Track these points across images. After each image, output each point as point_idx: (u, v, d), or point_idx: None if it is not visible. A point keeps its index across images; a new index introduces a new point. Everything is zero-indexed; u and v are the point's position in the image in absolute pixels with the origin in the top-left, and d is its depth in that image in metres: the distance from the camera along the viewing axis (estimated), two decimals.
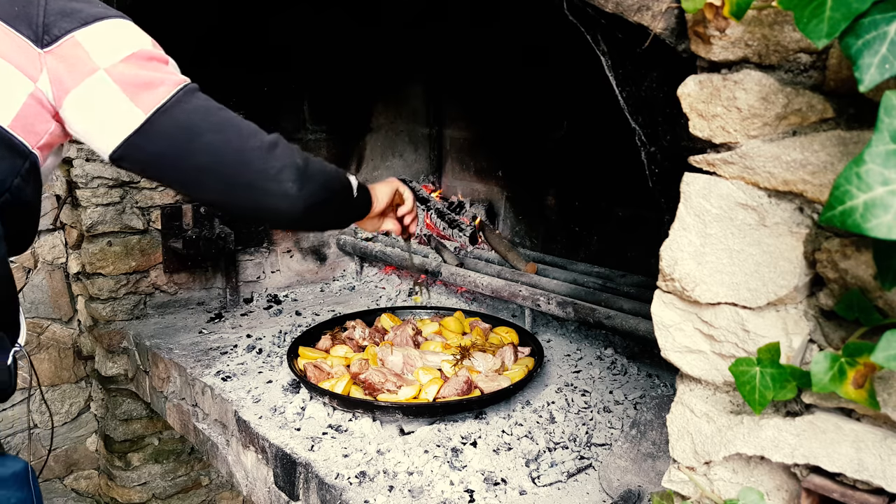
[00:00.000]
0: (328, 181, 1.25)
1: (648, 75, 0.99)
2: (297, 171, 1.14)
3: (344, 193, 1.35)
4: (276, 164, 1.13)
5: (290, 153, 1.16)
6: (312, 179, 1.17)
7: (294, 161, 1.15)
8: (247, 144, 1.12)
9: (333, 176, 1.29)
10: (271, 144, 1.14)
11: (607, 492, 1.47)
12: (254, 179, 1.12)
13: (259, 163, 1.12)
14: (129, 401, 2.72)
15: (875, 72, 0.59)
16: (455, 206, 3.06)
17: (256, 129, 1.16)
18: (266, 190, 1.13)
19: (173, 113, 1.08)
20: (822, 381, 0.71)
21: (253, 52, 2.66)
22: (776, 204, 0.79)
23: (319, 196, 1.20)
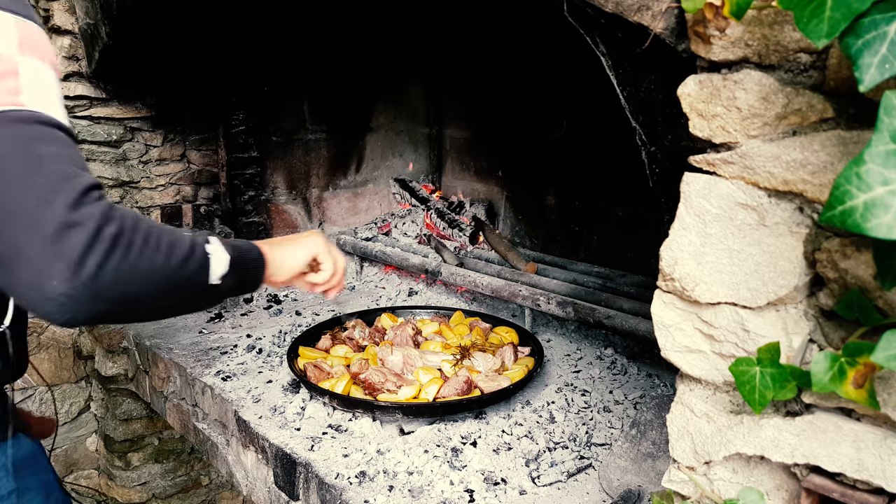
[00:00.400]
0: (141, 285, 0.90)
1: (648, 75, 0.99)
2: (73, 272, 0.82)
3: (180, 291, 1.00)
4: (47, 251, 0.81)
5: (80, 242, 0.82)
6: (102, 286, 0.85)
7: (76, 257, 0.82)
8: (24, 207, 0.82)
9: (158, 274, 0.93)
10: (64, 223, 0.82)
11: (607, 492, 1.47)
12: (11, 255, 0.82)
13: (25, 237, 0.81)
14: (129, 401, 2.72)
15: (875, 72, 0.59)
16: (455, 205, 3.06)
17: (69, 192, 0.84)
18: (23, 277, 0.82)
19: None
20: (822, 381, 0.71)
21: (253, 52, 2.67)
22: (776, 204, 0.79)
23: (107, 305, 0.87)
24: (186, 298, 1.04)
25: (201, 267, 1.02)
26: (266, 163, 2.87)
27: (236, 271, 1.10)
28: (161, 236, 0.94)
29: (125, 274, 0.87)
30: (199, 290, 1.03)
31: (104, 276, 0.84)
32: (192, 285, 1.01)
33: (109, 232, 0.85)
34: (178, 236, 0.98)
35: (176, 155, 2.67)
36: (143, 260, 0.90)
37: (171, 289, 0.96)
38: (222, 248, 1.07)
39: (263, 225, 2.89)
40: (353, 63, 2.97)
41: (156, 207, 2.65)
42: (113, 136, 2.53)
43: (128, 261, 0.88)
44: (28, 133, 0.85)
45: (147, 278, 0.91)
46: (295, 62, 2.81)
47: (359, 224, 3.18)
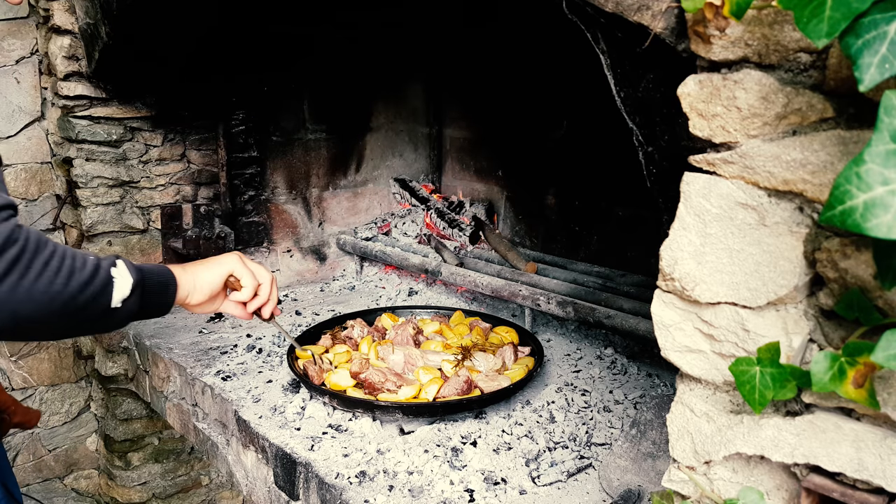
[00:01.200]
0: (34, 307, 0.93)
1: (647, 75, 0.99)
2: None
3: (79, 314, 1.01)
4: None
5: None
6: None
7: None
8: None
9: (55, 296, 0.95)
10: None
11: (607, 491, 1.47)
12: None
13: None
14: (129, 400, 2.72)
15: (875, 71, 0.59)
16: (455, 205, 3.06)
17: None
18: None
19: None
20: (822, 381, 0.71)
21: (253, 51, 2.66)
22: (776, 203, 0.79)
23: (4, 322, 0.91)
24: (85, 321, 1.04)
25: (103, 290, 1.03)
26: (266, 162, 2.87)
27: (140, 294, 1.11)
28: (63, 260, 0.96)
29: (18, 295, 0.90)
30: (98, 313, 1.04)
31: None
32: (91, 309, 1.02)
33: (9, 254, 0.88)
34: (81, 261, 1.00)
35: (176, 155, 2.67)
36: (39, 283, 0.92)
37: (68, 312, 0.98)
38: (127, 272, 1.08)
39: (263, 225, 2.89)
40: (353, 63, 2.97)
41: (156, 207, 2.65)
42: (113, 136, 2.53)
43: (23, 284, 0.90)
44: None
45: (42, 301, 0.93)
46: (295, 62, 2.81)
47: (359, 224, 3.18)
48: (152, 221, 2.65)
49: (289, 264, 2.97)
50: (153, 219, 2.65)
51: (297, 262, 3.00)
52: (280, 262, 2.95)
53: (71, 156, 2.51)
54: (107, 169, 2.54)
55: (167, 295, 1.21)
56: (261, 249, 2.89)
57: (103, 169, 2.53)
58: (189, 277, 1.26)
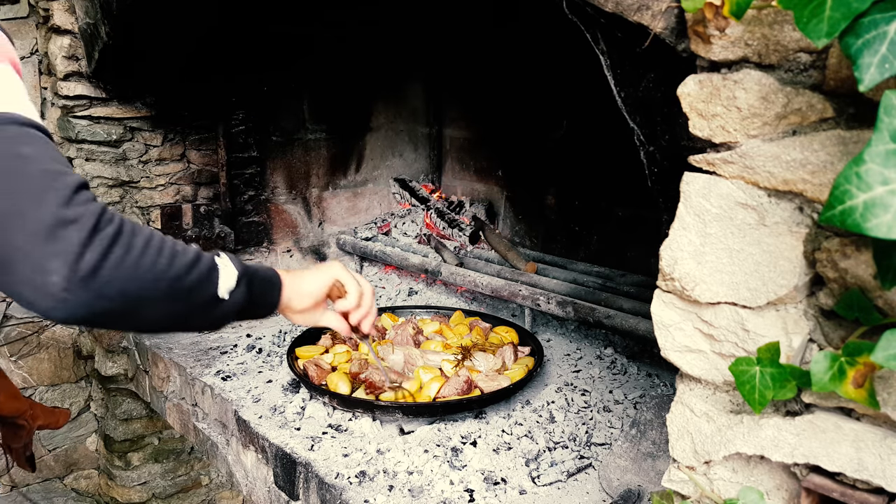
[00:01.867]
0: (143, 285, 0.89)
1: (647, 75, 0.99)
2: (72, 267, 0.81)
3: (186, 299, 0.97)
4: (44, 248, 0.80)
5: (77, 239, 0.82)
6: (102, 282, 0.83)
7: (74, 252, 0.81)
8: (15, 207, 0.81)
9: (162, 276, 0.91)
10: (59, 221, 0.81)
11: (607, 491, 1.47)
12: (8, 256, 0.81)
13: (20, 237, 0.80)
14: (129, 400, 2.72)
15: (875, 71, 0.59)
16: (455, 205, 3.06)
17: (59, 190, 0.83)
18: (20, 276, 0.81)
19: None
20: (821, 381, 0.71)
21: (253, 52, 2.66)
22: (776, 203, 0.79)
23: (110, 304, 0.86)
24: (192, 308, 0.99)
25: (208, 275, 0.99)
26: (266, 162, 2.87)
27: (247, 287, 1.06)
28: (164, 241, 0.93)
29: (125, 271, 0.86)
30: (205, 300, 1.00)
31: (103, 272, 0.83)
32: (197, 295, 0.98)
33: (108, 231, 0.85)
34: (182, 245, 0.97)
35: (176, 154, 2.67)
36: (144, 260, 0.88)
37: (174, 294, 0.94)
38: (231, 263, 1.04)
39: (263, 225, 2.89)
40: (352, 62, 2.97)
41: (155, 207, 2.64)
42: (113, 136, 2.53)
43: (129, 259, 0.86)
44: (6, 135, 0.84)
45: (149, 279, 0.89)
46: (295, 62, 2.81)
47: (358, 224, 3.18)
48: (152, 221, 2.64)
49: (289, 264, 2.97)
50: (153, 219, 2.64)
51: (297, 261, 3.00)
52: (280, 262, 2.95)
53: (71, 156, 2.51)
54: (107, 169, 2.54)
55: (273, 294, 1.18)
56: (260, 249, 2.89)
57: (103, 169, 2.53)
58: (293, 281, 1.22)
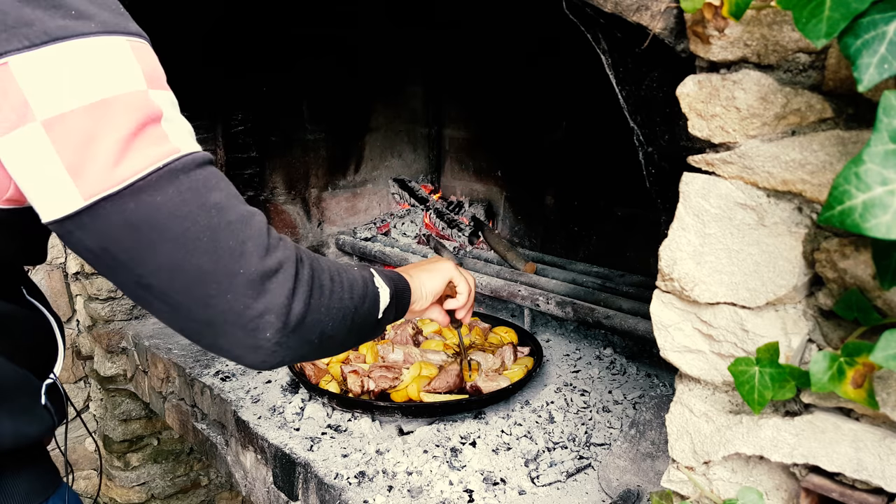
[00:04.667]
0: (334, 325, 0.89)
1: (648, 75, 0.99)
2: (284, 322, 0.80)
3: (359, 329, 0.99)
4: (255, 306, 0.77)
5: (285, 291, 0.79)
6: (306, 329, 0.83)
7: (285, 306, 0.79)
8: (221, 268, 0.76)
9: (347, 313, 0.92)
10: (265, 273, 0.78)
11: (606, 492, 1.47)
12: (216, 318, 0.77)
13: (230, 300, 0.76)
14: (128, 401, 2.72)
15: (874, 72, 0.59)
16: (454, 205, 3.06)
17: (256, 238, 0.79)
18: (230, 336, 0.79)
19: (125, 204, 0.72)
20: (821, 381, 0.71)
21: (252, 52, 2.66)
22: (775, 204, 0.79)
23: (308, 347, 0.86)
24: (363, 333, 1.02)
25: (374, 303, 1.01)
26: (265, 163, 2.87)
27: (395, 303, 1.08)
28: (341, 274, 0.93)
29: (323, 314, 0.86)
30: (371, 325, 1.03)
31: (308, 318, 0.83)
32: (368, 321, 1.01)
33: (305, 275, 0.83)
34: (350, 274, 0.96)
35: None
36: (334, 299, 0.89)
37: (354, 325, 0.95)
38: (384, 283, 1.05)
39: None
40: (352, 63, 2.97)
41: None
42: None
43: (323, 301, 0.86)
44: (195, 184, 0.76)
45: (338, 317, 0.90)
46: (294, 62, 2.81)
47: (358, 224, 3.18)
48: None
49: None
50: None
51: None
52: None
53: None
54: None
55: (407, 301, 1.19)
56: None
57: None
58: (417, 284, 1.24)
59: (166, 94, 0.78)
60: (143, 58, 0.76)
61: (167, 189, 0.73)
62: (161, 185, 0.73)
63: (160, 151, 0.73)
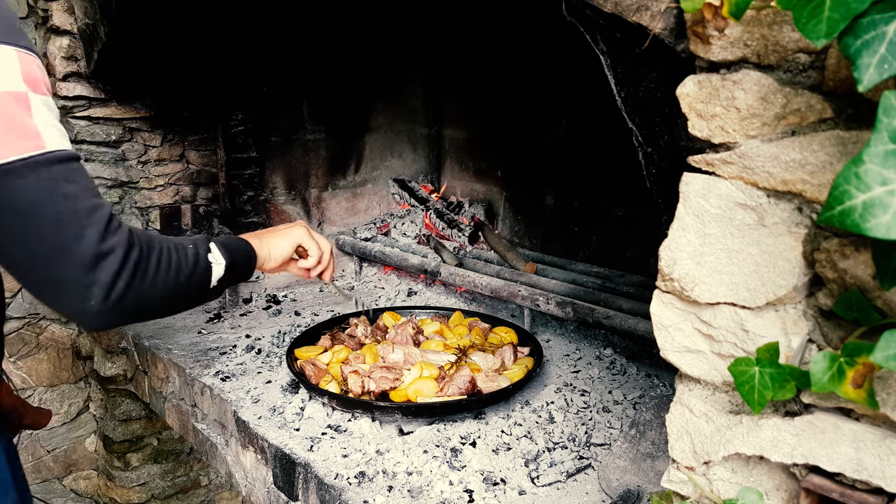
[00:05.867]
0: (156, 299, 1.07)
1: (647, 75, 0.99)
2: (106, 295, 0.97)
3: (185, 298, 1.18)
4: (84, 279, 0.96)
5: (110, 272, 0.98)
6: (127, 302, 1.01)
7: (108, 284, 0.97)
8: (61, 245, 0.95)
9: (171, 290, 1.09)
10: (97, 255, 0.96)
11: (606, 492, 1.47)
12: (54, 281, 0.97)
13: (65, 269, 0.95)
14: (128, 401, 2.72)
15: (874, 72, 0.59)
16: (454, 205, 3.06)
17: (95, 226, 0.97)
18: (63, 297, 0.98)
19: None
20: (821, 381, 0.71)
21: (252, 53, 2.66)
22: (775, 204, 0.79)
23: (130, 315, 1.04)
24: (191, 301, 1.21)
25: (205, 275, 1.18)
26: (265, 163, 2.87)
27: (231, 272, 1.25)
28: (171, 254, 1.10)
29: (143, 293, 1.03)
30: (200, 293, 1.21)
31: (128, 296, 1.01)
32: (195, 292, 1.19)
33: (132, 258, 1.01)
34: (184, 252, 1.14)
35: (175, 155, 2.67)
36: (157, 280, 1.06)
37: (178, 299, 1.14)
38: (221, 255, 1.22)
39: (262, 225, 2.89)
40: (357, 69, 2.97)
41: (155, 208, 2.64)
42: (112, 137, 2.53)
43: (146, 282, 1.04)
44: (55, 175, 0.95)
45: (161, 294, 1.07)
46: (294, 63, 2.81)
47: (358, 224, 3.18)
48: (151, 222, 2.64)
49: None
50: (152, 219, 2.64)
51: None
52: None
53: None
54: (106, 169, 2.54)
55: (250, 267, 1.38)
56: None
57: (102, 169, 2.53)
58: (265, 247, 1.44)
59: (45, 99, 0.97)
60: (27, 65, 0.95)
61: (28, 176, 0.92)
62: (23, 173, 0.92)
63: (28, 145, 0.92)
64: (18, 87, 0.94)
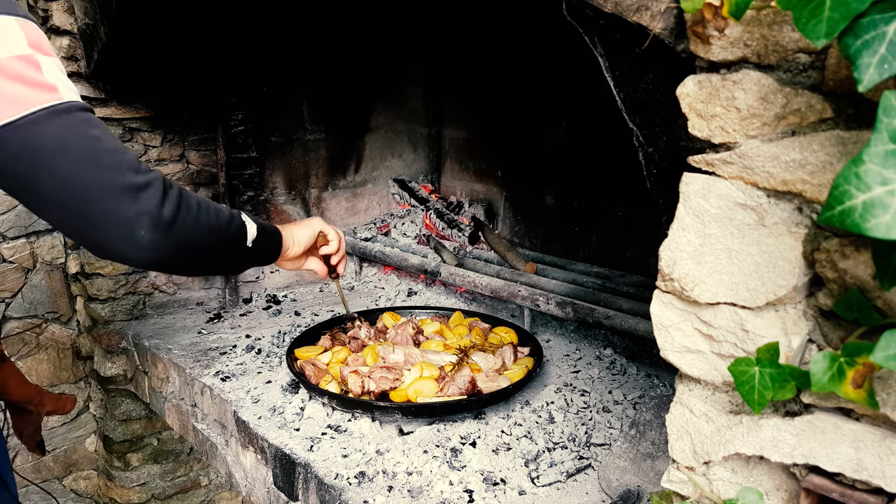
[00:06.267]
0: (201, 236, 1.12)
1: (646, 76, 0.99)
2: (155, 223, 1.02)
3: (227, 248, 1.23)
4: (132, 209, 1.00)
5: (155, 200, 1.02)
6: (176, 233, 1.05)
7: (156, 211, 1.02)
8: (102, 179, 0.99)
9: (213, 229, 1.15)
10: (137, 186, 1.01)
11: (606, 492, 1.47)
12: (102, 219, 0.99)
13: (111, 203, 0.99)
14: (128, 401, 2.72)
15: (874, 72, 0.59)
16: (454, 206, 3.06)
17: (129, 163, 1.02)
18: (114, 233, 1.00)
19: (22, 133, 0.96)
20: (821, 381, 0.71)
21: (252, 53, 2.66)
22: (775, 204, 0.79)
23: (180, 251, 1.08)
24: (231, 255, 1.26)
25: (241, 230, 1.25)
26: (265, 163, 2.87)
27: (263, 238, 1.32)
28: (208, 202, 1.15)
29: (190, 224, 1.08)
30: (240, 249, 1.26)
31: (177, 224, 1.05)
32: (235, 244, 1.24)
33: (173, 194, 1.05)
34: (216, 205, 1.18)
35: (175, 155, 2.67)
36: (201, 216, 1.11)
37: (222, 243, 1.19)
38: (251, 220, 1.29)
39: None
40: (357, 69, 2.97)
41: None
42: None
43: (191, 215, 1.08)
44: (77, 121, 0.99)
45: (206, 231, 1.12)
46: (294, 62, 2.81)
47: (358, 224, 3.18)
48: None
49: None
50: None
51: None
52: None
53: None
54: None
55: (277, 244, 1.43)
56: None
57: None
58: (288, 233, 1.49)
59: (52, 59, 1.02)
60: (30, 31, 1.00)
61: (53, 122, 0.97)
62: (48, 120, 0.97)
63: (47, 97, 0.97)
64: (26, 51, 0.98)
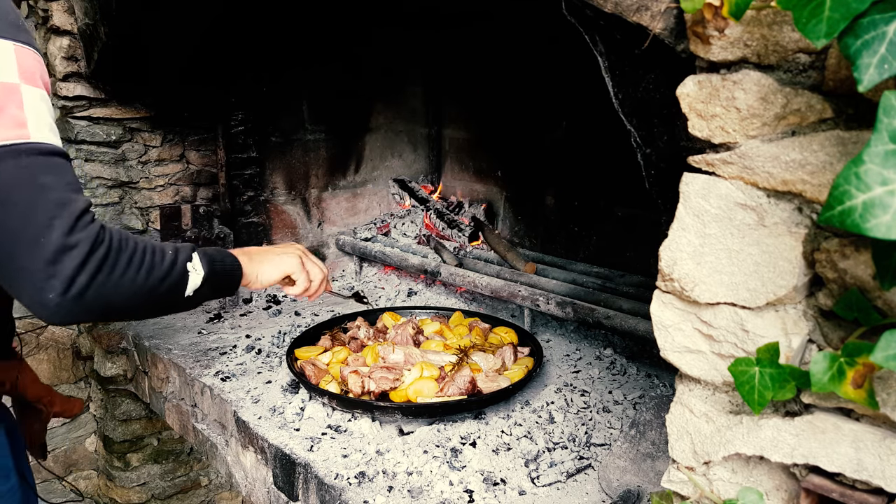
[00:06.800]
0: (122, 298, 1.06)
1: (646, 76, 0.99)
2: (65, 288, 0.98)
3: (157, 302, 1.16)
4: (46, 270, 0.97)
5: (73, 264, 0.98)
6: (89, 298, 1.01)
7: (69, 275, 0.98)
8: (26, 234, 0.96)
9: (139, 289, 1.09)
10: (61, 248, 0.97)
11: (606, 492, 1.47)
12: (17, 274, 0.97)
13: (27, 260, 0.96)
14: (128, 401, 2.72)
15: (874, 72, 0.59)
16: (454, 206, 3.06)
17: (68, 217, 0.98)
18: (23, 290, 0.99)
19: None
20: (821, 381, 0.71)
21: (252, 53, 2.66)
22: (775, 204, 0.79)
23: (96, 312, 1.04)
24: (163, 307, 1.20)
25: (179, 282, 1.17)
26: (265, 163, 2.87)
27: (210, 285, 1.25)
28: (144, 256, 1.09)
29: (108, 291, 1.03)
30: (174, 300, 1.19)
31: (90, 293, 1.00)
32: (168, 298, 1.17)
33: (98, 254, 1.00)
34: (160, 255, 1.13)
35: (175, 155, 2.67)
36: (125, 279, 1.05)
37: (148, 301, 1.12)
38: (201, 266, 1.22)
39: (262, 225, 2.89)
40: (356, 69, 2.97)
41: (155, 208, 2.64)
42: (112, 137, 2.53)
43: (111, 280, 1.03)
44: (33, 164, 0.97)
45: (127, 293, 1.06)
46: (294, 62, 2.81)
47: (358, 224, 3.18)
48: (151, 222, 2.64)
49: None
50: (152, 219, 2.64)
51: None
52: None
53: (70, 156, 2.51)
54: (106, 170, 2.54)
55: (233, 283, 1.38)
56: None
57: (102, 170, 2.53)
58: (254, 268, 1.43)
59: (41, 93, 1.00)
60: (23, 59, 0.98)
61: (7, 161, 0.95)
62: (4, 157, 0.94)
63: (12, 133, 0.95)
64: (11, 80, 0.96)
